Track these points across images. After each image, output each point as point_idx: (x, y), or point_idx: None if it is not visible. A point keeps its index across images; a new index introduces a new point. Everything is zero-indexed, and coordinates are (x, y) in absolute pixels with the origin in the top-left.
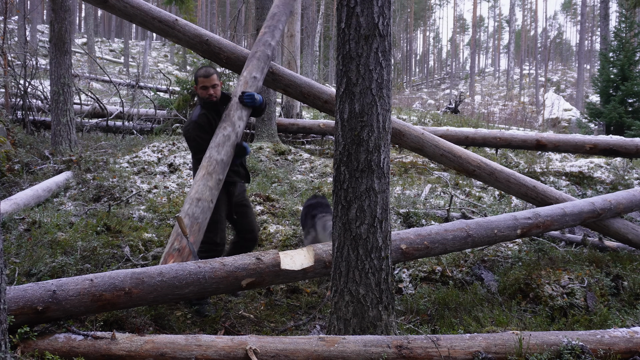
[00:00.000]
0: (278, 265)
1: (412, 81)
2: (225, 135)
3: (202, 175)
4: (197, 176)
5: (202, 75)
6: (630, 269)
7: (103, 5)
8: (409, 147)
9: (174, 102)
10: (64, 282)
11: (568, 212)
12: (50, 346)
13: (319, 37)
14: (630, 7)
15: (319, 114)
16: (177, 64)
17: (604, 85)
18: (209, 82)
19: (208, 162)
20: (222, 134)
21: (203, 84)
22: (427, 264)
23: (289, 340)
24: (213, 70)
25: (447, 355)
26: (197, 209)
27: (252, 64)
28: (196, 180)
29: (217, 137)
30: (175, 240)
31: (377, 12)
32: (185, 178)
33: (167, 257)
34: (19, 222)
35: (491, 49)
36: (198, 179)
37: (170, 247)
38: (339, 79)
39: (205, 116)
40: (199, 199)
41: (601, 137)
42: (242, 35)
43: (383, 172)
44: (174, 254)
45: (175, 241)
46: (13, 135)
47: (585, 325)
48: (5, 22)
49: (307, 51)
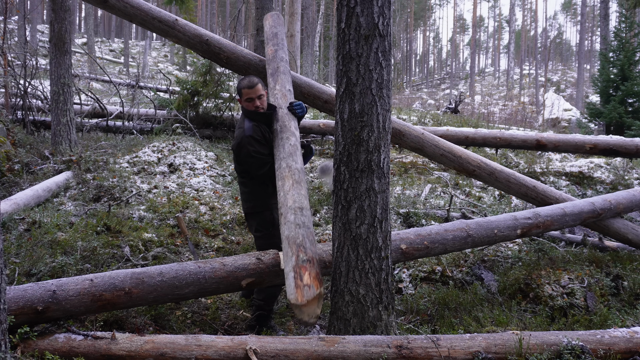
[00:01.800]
0: (278, 265)
1: (412, 81)
2: (292, 144)
3: (291, 184)
4: (285, 186)
5: (245, 86)
6: (630, 269)
7: (103, 5)
8: (409, 147)
9: (174, 102)
10: (64, 282)
11: (568, 212)
12: (50, 346)
13: (319, 37)
14: (630, 7)
15: (319, 114)
16: (177, 64)
17: (604, 85)
18: (254, 94)
19: (290, 172)
20: (288, 143)
21: (248, 95)
22: (427, 264)
23: (289, 340)
24: (256, 79)
25: (447, 355)
26: (305, 217)
27: (282, 78)
28: (286, 191)
29: (285, 148)
30: (299, 251)
31: (377, 12)
32: (185, 178)
33: (299, 270)
34: (19, 222)
35: (491, 49)
36: (288, 188)
37: (297, 259)
38: (339, 79)
39: (258, 129)
40: (301, 208)
41: (601, 137)
42: (242, 35)
43: (383, 172)
44: (305, 265)
45: (299, 252)
46: (13, 135)
47: (585, 325)
48: (5, 22)
49: (307, 51)
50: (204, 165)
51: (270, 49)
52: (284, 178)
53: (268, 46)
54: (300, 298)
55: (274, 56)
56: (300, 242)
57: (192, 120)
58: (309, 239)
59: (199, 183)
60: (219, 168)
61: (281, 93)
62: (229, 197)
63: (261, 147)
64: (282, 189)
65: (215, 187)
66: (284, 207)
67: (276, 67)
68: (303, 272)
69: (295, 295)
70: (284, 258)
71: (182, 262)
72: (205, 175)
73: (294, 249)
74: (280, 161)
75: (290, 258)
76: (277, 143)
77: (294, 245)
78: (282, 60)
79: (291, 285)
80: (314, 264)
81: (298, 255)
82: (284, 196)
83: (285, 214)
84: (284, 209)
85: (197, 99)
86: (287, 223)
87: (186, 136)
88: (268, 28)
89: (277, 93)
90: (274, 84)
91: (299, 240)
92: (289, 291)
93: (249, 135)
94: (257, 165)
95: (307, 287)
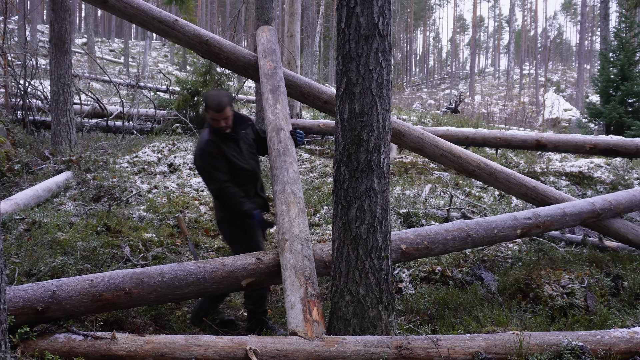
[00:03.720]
0: (278, 266)
1: (412, 81)
2: (295, 171)
3: (296, 212)
4: (291, 213)
5: (213, 108)
6: (630, 269)
7: (103, 6)
8: (409, 147)
9: (174, 102)
10: (64, 282)
11: (568, 212)
12: (50, 346)
13: (319, 37)
14: (630, 7)
15: (319, 114)
16: (177, 64)
17: (604, 85)
18: (220, 117)
19: (295, 199)
20: (292, 169)
21: (214, 117)
22: (427, 264)
23: (289, 340)
24: (226, 100)
25: (447, 355)
26: (310, 250)
27: (282, 99)
28: (292, 218)
29: (289, 173)
30: (307, 284)
31: (377, 12)
32: (185, 178)
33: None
34: (19, 222)
35: (491, 49)
36: (293, 216)
37: (306, 292)
38: (339, 79)
39: (212, 143)
40: (307, 240)
41: (601, 137)
42: (242, 35)
43: (383, 172)
44: (314, 300)
45: (307, 285)
46: (13, 135)
47: (585, 326)
48: (5, 22)
49: (307, 51)
50: None
51: (269, 64)
52: (290, 204)
53: (266, 60)
54: (310, 333)
55: (273, 73)
56: (308, 275)
57: (192, 120)
58: (314, 274)
59: (199, 183)
60: None
61: (282, 114)
62: None
63: (215, 161)
64: (287, 214)
65: None
66: (290, 234)
67: (276, 85)
68: (312, 307)
69: (304, 329)
70: (290, 287)
71: (182, 262)
72: None
73: (301, 280)
74: (284, 185)
75: (298, 288)
76: (279, 165)
77: (302, 276)
78: (281, 80)
79: (299, 317)
80: (320, 300)
81: (307, 288)
82: (289, 222)
83: (292, 242)
84: (290, 235)
85: (197, 99)
86: (294, 252)
87: (186, 136)
88: (265, 41)
89: (279, 113)
90: (274, 102)
91: (306, 272)
92: (295, 322)
93: (202, 149)
94: (210, 179)
95: (317, 324)
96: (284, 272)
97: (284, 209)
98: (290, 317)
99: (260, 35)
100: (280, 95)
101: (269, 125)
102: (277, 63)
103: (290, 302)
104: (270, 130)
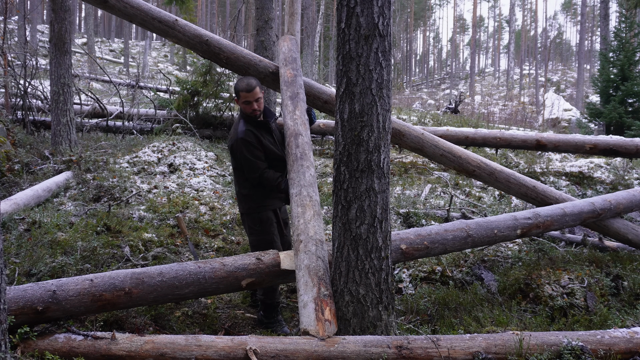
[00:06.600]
0: (278, 266)
1: (412, 81)
2: (312, 175)
3: (312, 215)
4: (306, 215)
5: (243, 89)
6: (630, 269)
7: (103, 6)
8: (409, 147)
9: (174, 102)
10: (64, 282)
11: (568, 212)
12: (50, 346)
13: (319, 37)
14: (630, 7)
15: (319, 114)
16: (177, 64)
17: (604, 85)
18: (252, 97)
19: (312, 202)
20: (309, 173)
21: (246, 98)
22: (427, 264)
23: (289, 340)
24: (255, 81)
25: (447, 355)
26: (324, 252)
27: (302, 106)
28: (307, 220)
29: (306, 177)
30: (320, 284)
31: (377, 12)
32: (185, 178)
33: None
34: (19, 222)
35: (491, 49)
36: (309, 218)
37: (319, 292)
38: (339, 79)
39: (251, 133)
40: (321, 242)
41: (601, 137)
42: (242, 35)
43: (383, 172)
44: (327, 300)
45: (320, 285)
46: (13, 135)
47: (585, 326)
48: (5, 22)
49: (307, 51)
50: (204, 165)
51: (290, 72)
52: (305, 206)
53: (287, 68)
54: (322, 332)
55: (293, 81)
56: (321, 275)
57: (192, 120)
58: (328, 274)
59: (199, 183)
60: (219, 168)
61: (301, 120)
62: (229, 197)
63: (255, 150)
64: (303, 216)
65: (215, 187)
66: (304, 235)
67: (296, 92)
68: (324, 306)
69: (316, 327)
70: (304, 287)
71: (182, 262)
72: (205, 175)
73: (315, 280)
74: (301, 188)
75: (311, 288)
76: (296, 169)
77: (315, 277)
78: (301, 88)
79: (311, 316)
80: (332, 300)
81: (320, 288)
82: (304, 224)
83: (306, 243)
84: (304, 236)
85: (197, 99)
86: (308, 252)
87: (186, 136)
88: (287, 50)
89: (298, 119)
90: (293, 108)
91: (320, 273)
92: (308, 321)
93: (242, 138)
94: (251, 168)
95: (329, 323)
96: (298, 272)
97: (300, 211)
98: (302, 316)
99: (282, 44)
100: (300, 102)
101: (288, 130)
102: (298, 71)
103: (303, 302)
104: (289, 136)
